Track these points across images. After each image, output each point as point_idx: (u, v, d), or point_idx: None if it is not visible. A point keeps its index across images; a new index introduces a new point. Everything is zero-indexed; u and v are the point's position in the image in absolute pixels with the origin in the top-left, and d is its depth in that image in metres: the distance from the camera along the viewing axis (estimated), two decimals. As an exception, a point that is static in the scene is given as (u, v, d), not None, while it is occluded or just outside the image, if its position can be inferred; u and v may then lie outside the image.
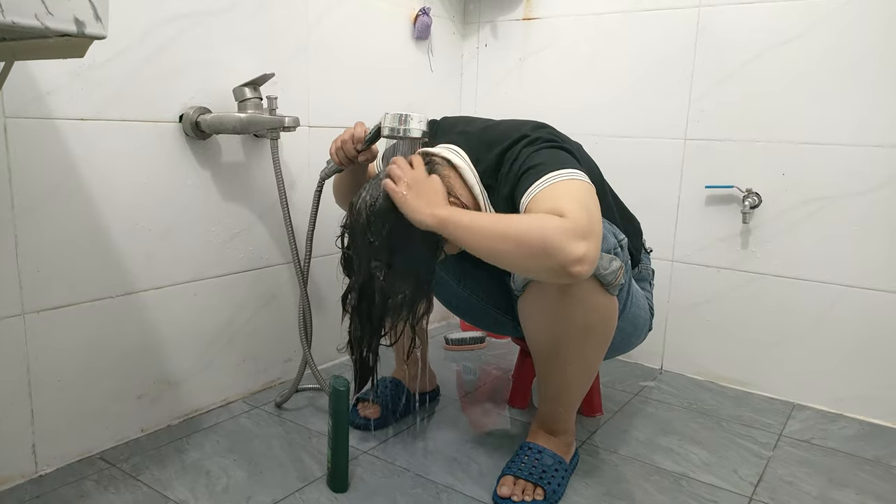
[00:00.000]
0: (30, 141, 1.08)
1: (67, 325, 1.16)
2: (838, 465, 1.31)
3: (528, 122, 1.15)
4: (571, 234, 0.90)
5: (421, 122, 1.08)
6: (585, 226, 0.92)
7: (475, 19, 1.99)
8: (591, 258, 0.92)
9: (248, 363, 1.51)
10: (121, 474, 1.17)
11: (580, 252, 0.90)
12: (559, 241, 0.90)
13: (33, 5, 0.65)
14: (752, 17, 1.54)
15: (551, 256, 0.91)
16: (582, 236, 0.91)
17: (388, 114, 1.09)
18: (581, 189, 1.00)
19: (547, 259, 0.91)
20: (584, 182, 1.02)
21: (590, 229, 0.93)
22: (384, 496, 1.14)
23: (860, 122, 1.45)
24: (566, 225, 0.91)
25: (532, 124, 1.14)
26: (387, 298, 1.05)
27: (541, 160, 1.04)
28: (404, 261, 1.04)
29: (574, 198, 0.97)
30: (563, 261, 0.90)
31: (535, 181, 1.01)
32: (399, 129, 1.08)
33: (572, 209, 0.94)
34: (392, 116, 1.09)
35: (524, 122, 1.16)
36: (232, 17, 1.34)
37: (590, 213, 0.96)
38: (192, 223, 1.34)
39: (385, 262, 1.04)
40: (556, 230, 0.91)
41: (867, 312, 1.49)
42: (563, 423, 1.20)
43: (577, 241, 0.90)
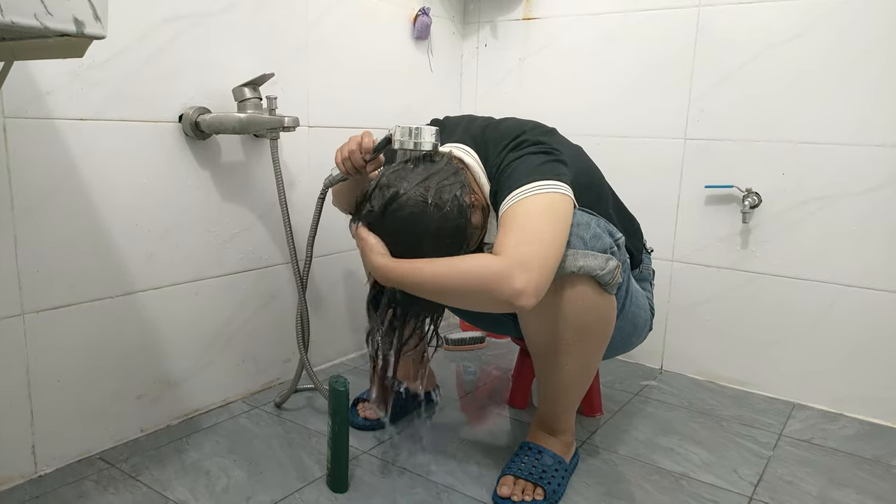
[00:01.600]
0: (29, 141, 1.08)
1: (67, 326, 1.16)
2: (838, 464, 1.31)
3: (527, 123, 1.15)
4: (507, 270, 0.94)
5: (433, 134, 1.07)
6: (522, 257, 0.95)
7: (475, 19, 1.99)
8: (532, 290, 0.94)
9: (247, 363, 1.51)
10: (120, 474, 1.17)
11: (519, 286, 0.93)
12: (497, 281, 0.94)
13: (32, 5, 0.65)
14: (752, 17, 1.54)
15: (494, 296, 0.96)
16: (519, 268, 0.94)
17: (398, 126, 1.07)
18: (545, 207, 1.00)
19: (491, 297, 0.96)
20: (557, 195, 1.01)
21: (527, 259, 0.95)
22: (384, 496, 1.14)
23: (860, 121, 1.45)
24: (502, 263, 0.95)
25: (531, 125, 1.14)
26: (406, 310, 1.07)
27: (516, 171, 1.05)
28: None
29: (527, 223, 0.98)
30: (504, 297, 0.94)
31: (507, 195, 1.03)
32: (410, 142, 1.07)
33: (513, 241, 0.97)
34: (403, 129, 1.07)
35: (525, 122, 1.16)
36: (231, 17, 1.34)
37: (537, 242, 0.97)
38: (191, 223, 1.34)
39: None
40: (495, 273, 0.95)
41: (867, 312, 1.49)
42: (562, 423, 1.20)
43: (514, 277, 0.93)
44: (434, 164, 1.07)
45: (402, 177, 1.04)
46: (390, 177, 1.05)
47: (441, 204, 1.01)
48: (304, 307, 1.37)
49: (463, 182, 1.06)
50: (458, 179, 1.05)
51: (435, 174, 1.04)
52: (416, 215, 1.01)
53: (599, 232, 1.07)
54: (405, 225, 1.01)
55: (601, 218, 1.10)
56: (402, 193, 1.01)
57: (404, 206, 1.01)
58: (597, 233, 1.06)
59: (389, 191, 1.02)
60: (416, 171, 1.04)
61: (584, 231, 1.05)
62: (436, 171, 1.05)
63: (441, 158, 1.09)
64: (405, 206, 1.01)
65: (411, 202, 1.01)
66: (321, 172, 1.59)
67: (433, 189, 1.02)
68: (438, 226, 1.01)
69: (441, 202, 1.01)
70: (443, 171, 1.05)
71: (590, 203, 1.12)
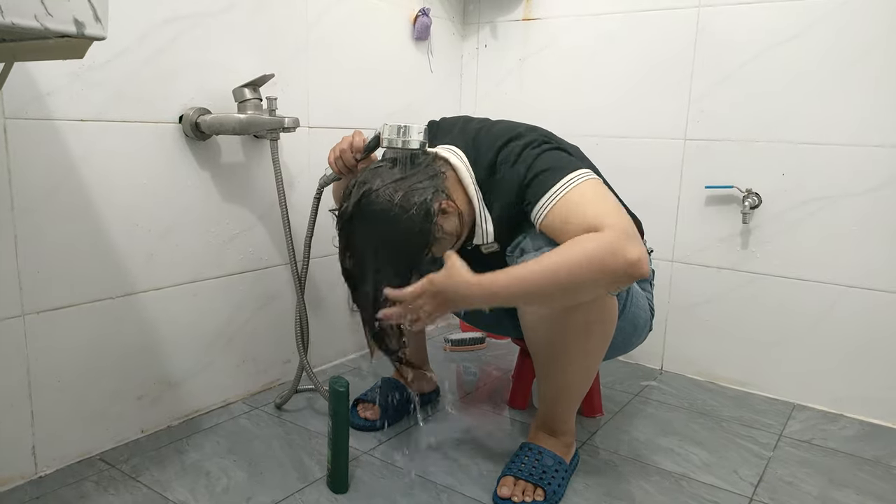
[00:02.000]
0: (30, 142, 1.08)
1: (67, 326, 1.16)
2: (838, 465, 1.31)
3: (520, 125, 1.16)
4: (619, 242, 0.93)
5: (420, 133, 1.08)
6: (624, 227, 0.95)
7: (475, 20, 1.99)
8: (645, 255, 0.94)
9: (247, 364, 1.51)
10: (121, 475, 1.17)
11: (635, 254, 0.92)
12: (613, 257, 0.92)
13: (33, 6, 0.65)
14: (752, 17, 1.54)
15: (612, 273, 0.93)
16: (627, 238, 0.94)
17: (386, 125, 1.09)
18: (594, 189, 1.02)
19: (610, 277, 0.94)
20: (593, 179, 1.04)
21: (628, 228, 0.95)
22: (384, 497, 1.14)
23: (860, 121, 1.45)
24: (609, 238, 0.93)
25: (525, 126, 1.15)
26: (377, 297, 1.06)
27: (546, 166, 1.05)
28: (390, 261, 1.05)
29: (596, 203, 0.99)
30: (623, 272, 0.93)
31: (544, 194, 1.02)
32: (398, 140, 1.08)
33: (603, 217, 0.96)
34: (391, 128, 1.08)
35: (517, 123, 1.17)
36: (231, 18, 1.34)
37: (618, 210, 0.99)
38: (191, 224, 1.34)
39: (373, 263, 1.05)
40: (607, 248, 0.93)
41: (867, 313, 1.49)
42: (563, 424, 1.20)
43: (627, 248, 0.93)
44: (416, 164, 1.08)
45: (377, 175, 1.06)
46: (367, 174, 1.06)
47: (407, 206, 1.02)
48: (302, 309, 1.37)
49: (437, 187, 1.06)
50: (434, 184, 1.06)
51: (412, 175, 1.05)
52: (382, 213, 1.02)
53: None
54: (371, 222, 1.03)
55: None
56: (373, 190, 1.03)
57: (373, 203, 1.03)
58: None
59: (363, 187, 1.04)
60: (394, 171, 1.06)
61: None
62: (413, 173, 1.06)
63: (424, 159, 1.09)
64: (373, 203, 1.03)
65: (379, 199, 1.03)
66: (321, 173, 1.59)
67: (403, 191, 1.03)
68: (400, 227, 1.02)
69: (408, 204, 1.02)
70: (420, 173, 1.06)
71: None
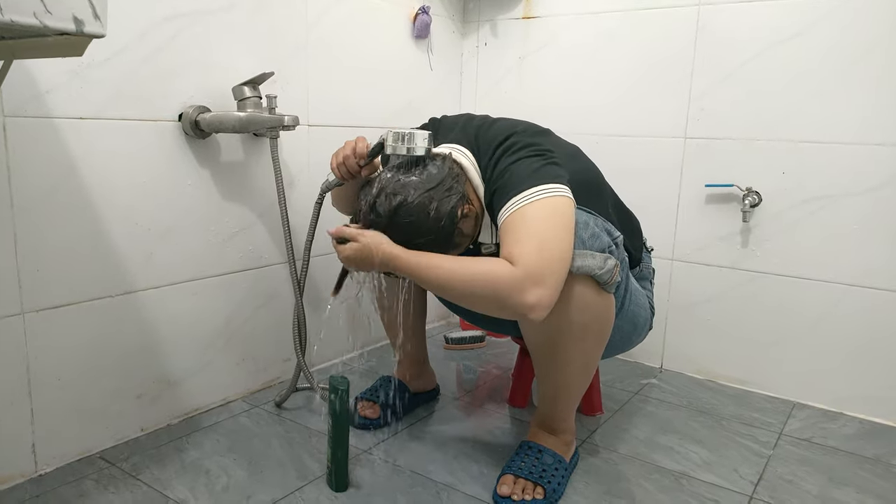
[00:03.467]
0: (29, 140, 1.07)
1: (67, 325, 1.16)
2: (838, 463, 1.31)
3: (520, 123, 1.15)
4: (521, 284, 0.95)
5: (425, 139, 1.08)
6: (536, 271, 0.96)
7: (475, 18, 1.99)
8: (546, 303, 0.96)
9: (247, 362, 1.51)
10: (121, 473, 1.17)
11: (531, 301, 0.95)
12: (509, 293, 0.96)
13: (32, 4, 0.65)
14: (753, 15, 1.54)
15: (504, 306, 0.98)
16: (534, 283, 0.95)
17: (391, 132, 1.08)
18: (548, 213, 1.01)
19: (500, 306, 0.99)
20: (557, 198, 1.02)
21: (541, 274, 0.96)
22: (384, 495, 1.14)
23: (862, 120, 1.45)
24: (516, 275, 0.96)
25: (523, 126, 1.14)
26: None
27: (513, 175, 1.06)
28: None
29: (533, 232, 0.99)
30: (515, 309, 0.97)
31: (509, 200, 1.04)
32: (402, 147, 1.08)
33: (527, 251, 0.97)
34: (395, 135, 1.08)
35: (517, 122, 1.16)
36: (231, 16, 1.34)
37: (546, 249, 0.98)
38: (191, 222, 1.34)
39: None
40: (508, 283, 0.96)
41: (868, 311, 1.49)
42: (562, 422, 1.20)
43: (527, 292, 0.95)
44: (434, 169, 1.08)
45: (406, 184, 1.06)
46: (395, 185, 1.06)
47: (440, 217, 1.05)
48: (300, 311, 1.37)
49: (462, 193, 1.08)
50: (458, 190, 1.08)
51: (439, 185, 1.06)
52: (416, 224, 1.04)
53: (598, 231, 1.07)
54: (405, 230, 1.05)
55: (599, 217, 1.11)
56: (409, 202, 1.04)
57: (408, 215, 1.04)
58: (595, 232, 1.06)
59: (396, 199, 1.05)
60: (420, 179, 1.06)
61: (582, 230, 1.05)
62: (439, 181, 1.07)
63: (442, 163, 1.09)
64: (409, 214, 1.04)
65: (414, 211, 1.04)
66: (321, 171, 1.59)
67: (437, 201, 1.05)
68: (430, 234, 1.05)
69: (440, 214, 1.05)
70: (445, 180, 1.07)
71: (588, 202, 1.11)
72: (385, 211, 1.05)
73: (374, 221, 1.06)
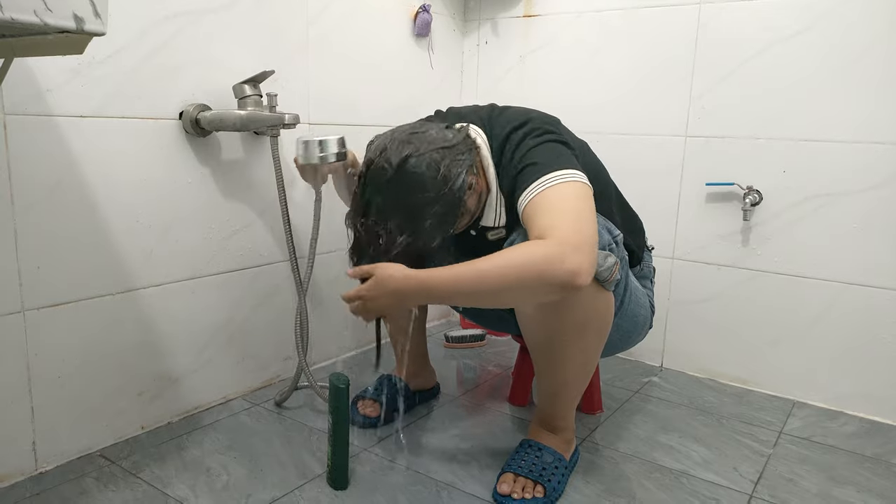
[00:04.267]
0: (29, 138, 1.07)
1: (67, 323, 1.16)
2: (839, 462, 1.31)
3: (532, 111, 1.15)
4: (560, 254, 0.93)
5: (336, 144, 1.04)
6: (573, 239, 0.94)
7: (475, 16, 1.99)
8: (587, 268, 0.94)
9: (247, 360, 1.51)
10: (121, 471, 1.17)
11: (573, 267, 0.92)
12: (551, 267, 0.92)
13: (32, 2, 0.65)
14: (754, 14, 1.54)
15: (549, 283, 0.93)
16: (573, 250, 0.93)
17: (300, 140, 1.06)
18: (575, 193, 1.01)
19: (546, 286, 0.94)
20: (579, 183, 1.02)
21: (579, 241, 0.94)
22: (384, 494, 1.14)
23: (862, 119, 1.45)
24: (552, 248, 0.93)
25: (535, 113, 1.14)
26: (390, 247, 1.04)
27: (538, 158, 1.05)
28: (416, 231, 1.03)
29: (565, 208, 0.98)
30: (561, 282, 0.93)
31: (532, 183, 1.02)
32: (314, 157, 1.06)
33: (559, 224, 0.96)
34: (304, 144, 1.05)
35: (529, 110, 1.16)
36: (231, 14, 1.34)
37: (580, 221, 0.97)
38: (191, 220, 1.34)
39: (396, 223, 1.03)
40: (545, 258, 0.93)
41: (868, 310, 1.49)
42: (562, 420, 1.20)
43: (567, 259, 0.92)
44: (451, 134, 1.07)
45: (422, 137, 1.04)
46: (409, 135, 1.05)
47: (448, 178, 1.02)
48: (303, 310, 1.37)
49: (472, 163, 1.06)
50: (470, 158, 1.06)
51: (453, 147, 1.05)
52: (423, 180, 1.01)
53: (598, 229, 1.07)
54: (413, 185, 1.01)
55: (600, 215, 1.10)
56: (421, 153, 1.02)
57: (418, 166, 1.01)
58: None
59: (408, 147, 1.02)
60: (436, 136, 1.05)
61: None
62: (454, 144, 1.05)
63: (458, 130, 1.09)
64: (419, 166, 1.01)
65: (423, 164, 1.01)
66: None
67: (448, 160, 1.03)
68: (438, 197, 1.02)
69: (449, 176, 1.02)
70: (459, 146, 1.06)
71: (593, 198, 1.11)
72: (394, 159, 1.02)
73: (380, 170, 1.03)
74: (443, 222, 1.04)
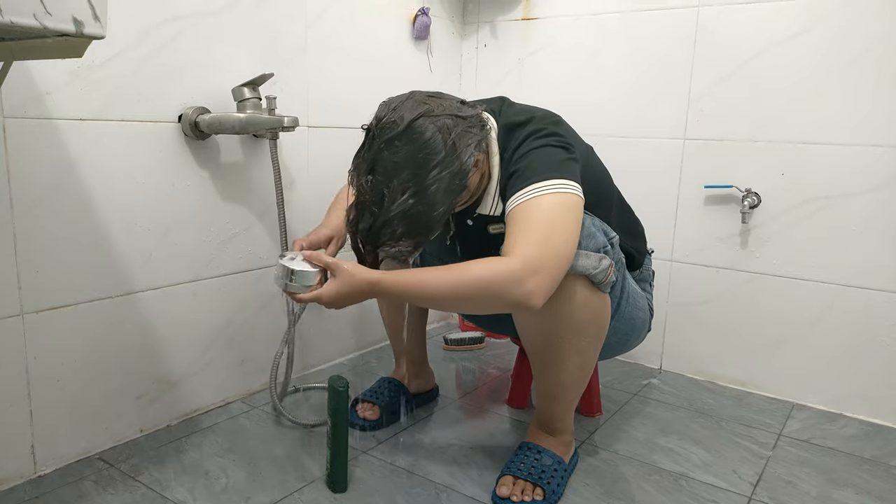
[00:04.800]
0: (29, 141, 1.07)
1: (66, 326, 1.16)
2: (838, 464, 1.31)
3: (537, 109, 1.15)
4: (519, 276, 0.94)
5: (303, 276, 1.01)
6: (536, 260, 0.94)
7: (474, 19, 1.99)
8: (545, 290, 0.95)
9: (247, 363, 1.51)
10: (120, 475, 1.17)
11: (530, 288, 0.94)
12: (507, 288, 0.94)
13: (32, 5, 0.65)
14: (752, 17, 1.54)
15: (504, 301, 0.96)
16: (532, 272, 0.94)
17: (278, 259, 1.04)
18: (561, 206, 1.00)
19: (501, 304, 0.97)
20: (569, 195, 1.01)
21: (541, 262, 0.95)
22: (383, 496, 1.14)
23: (860, 121, 1.45)
24: (513, 267, 0.94)
25: (541, 112, 1.14)
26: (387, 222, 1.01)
27: (535, 162, 1.04)
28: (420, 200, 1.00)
29: (542, 223, 0.98)
30: (516, 302, 0.95)
31: (522, 188, 1.02)
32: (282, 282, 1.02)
33: (529, 241, 0.96)
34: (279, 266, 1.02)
35: (537, 108, 1.16)
36: (230, 17, 1.34)
37: (550, 239, 0.97)
38: (190, 223, 1.34)
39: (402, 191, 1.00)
40: (503, 278, 0.94)
41: (867, 312, 1.49)
42: (561, 423, 1.20)
43: (525, 281, 0.93)
44: (469, 109, 1.06)
45: (437, 103, 1.03)
46: (427, 98, 1.04)
47: (457, 147, 1.00)
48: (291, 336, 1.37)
49: (481, 139, 1.05)
50: (480, 135, 1.04)
51: (467, 119, 1.03)
52: (435, 141, 0.99)
53: (594, 231, 1.07)
54: (422, 143, 0.99)
55: (596, 217, 1.10)
56: (435, 114, 1.00)
57: (429, 128, 0.99)
58: (591, 232, 1.07)
59: (423, 107, 1.01)
60: (452, 106, 1.04)
61: None
62: (468, 117, 1.04)
63: (474, 108, 1.08)
64: (429, 126, 0.99)
65: (437, 126, 0.99)
66: (320, 173, 1.59)
67: (460, 128, 1.01)
68: (445, 162, 0.99)
69: (459, 144, 1.00)
70: (474, 119, 1.05)
71: (593, 203, 1.11)
72: (408, 116, 1.00)
73: (391, 124, 1.00)
74: (447, 190, 1.00)
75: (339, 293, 1.00)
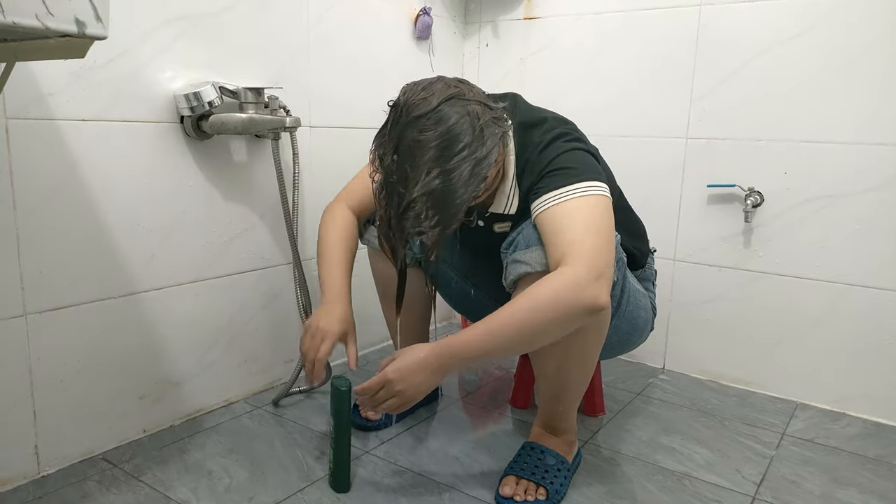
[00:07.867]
0: (31, 142, 1.08)
1: (69, 326, 1.16)
2: (841, 464, 1.30)
3: (548, 111, 1.15)
4: (580, 284, 0.93)
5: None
6: (593, 263, 0.94)
7: (476, 19, 1.99)
8: (606, 290, 0.95)
9: (249, 363, 1.51)
10: (123, 475, 1.18)
11: (595, 292, 0.93)
12: (576, 299, 0.93)
13: (34, 6, 0.65)
14: (754, 16, 1.54)
15: (577, 314, 0.94)
16: (594, 278, 0.93)
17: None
18: (595, 208, 1.00)
19: (575, 317, 0.95)
20: (601, 197, 1.02)
21: (597, 264, 0.94)
22: (386, 496, 1.14)
23: (863, 120, 1.44)
24: (571, 278, 0.93)
25: (551, 114, 1.15)
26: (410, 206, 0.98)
27: (565, 164, 1.04)
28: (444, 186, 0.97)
29: (588, 224, 0.98)
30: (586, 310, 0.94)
31: (552, 191, 1.02)
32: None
33: (581, 246, 0.95)
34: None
35: (544, 109, 1.16)
36: (232, 17, 1.34)
37: (599, 241, 0.97)
38: (193, 223, 1.34)
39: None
40: (569, 286, 0.93)
41: (870, 311, 1.49)
42: (564, 422, 1.20)
43: (588, 288, 0.93)
44: (494, 103, 1.06)
45: (468, 88, 1.02)
46: (458, 83, 1.02)
47: (484, 136, 0.99)
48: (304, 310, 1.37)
49: (504, 133, 1.05)
50: (503, 130, 1.04)
51: (494, 110, 1.03)
52: (459, 126, 0.97)
53: None
54: (451, 124, 0.96)
55: None
56: (467, 99, 0.99)
57: (458, 112, 0.97)
58: None
59: (455, 90, 1.00)
60: (482, 95, 1.03)
61: None
62: (495, 109, 1.03)
63: (498, 103, 1.08)
64: (459, 111, 0.97)
65: (468, 111, 0.98)
66: (322, 173, 1.59)
67: (488, 118, 1.00)
68: (471, 148, 0.97)
69: (485, 134, 0.99)
70: (500, 113, 1.04)
71: None
72: (439, 95, 0.98)
73: (422, 101, 0.98)
74: (471, 175, 0.98)
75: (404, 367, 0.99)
